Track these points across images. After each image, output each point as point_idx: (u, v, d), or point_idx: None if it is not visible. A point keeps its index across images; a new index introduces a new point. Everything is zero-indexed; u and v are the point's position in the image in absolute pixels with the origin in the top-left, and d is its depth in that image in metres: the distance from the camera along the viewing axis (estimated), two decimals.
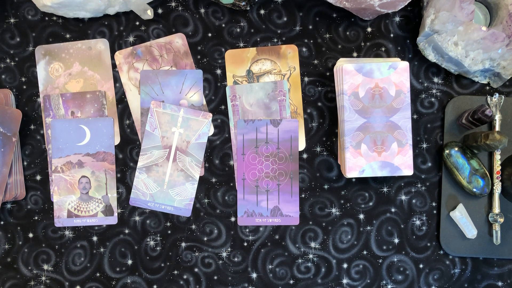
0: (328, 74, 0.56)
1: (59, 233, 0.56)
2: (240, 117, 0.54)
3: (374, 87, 0.50)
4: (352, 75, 0.50)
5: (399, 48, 0.56)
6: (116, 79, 0.56)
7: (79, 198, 0.55)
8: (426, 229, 0.55)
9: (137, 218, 0.56)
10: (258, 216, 0.55)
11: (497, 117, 0.53)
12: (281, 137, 0.54)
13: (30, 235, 0.56)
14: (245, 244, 0.56)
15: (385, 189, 0.55)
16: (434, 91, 0.56)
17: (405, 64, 0.50)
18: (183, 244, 0.56)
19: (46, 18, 0.56)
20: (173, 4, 0.56)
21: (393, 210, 0.55)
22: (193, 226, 0.56)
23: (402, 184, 0.55)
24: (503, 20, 0.52)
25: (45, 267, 0.56)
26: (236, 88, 0.54)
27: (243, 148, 0.54)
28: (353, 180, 0.56)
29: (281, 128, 0.54)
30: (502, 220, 0.53)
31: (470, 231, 0.54)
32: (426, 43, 0.53)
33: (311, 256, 0.56)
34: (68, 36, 0.56)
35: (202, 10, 0.56)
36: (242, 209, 0.55)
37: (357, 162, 0.50)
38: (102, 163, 0.55)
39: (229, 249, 0.56)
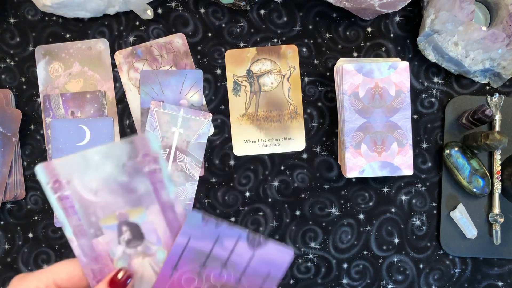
0: (328, 74, 0.56)
1: (59, 233, 0.56)
2: (82, 220, 0.33)
3: (374, 87, 0.50)
4: (352, 75, 0.50)
5: (399, 48, 0.56)
6: (116, 79, 0.56)
7: None
8: (426, 229, 0.55)
9: None
10: None
11: (497, 117, 0.53)
12: (253, 268, 0.33)
13: (30, 235, 0.56)
14: None
15: (385, 189, 0.55)
16: (434, 91, 0.56)
17: (405, 64, 0.50)
18: None
19: (46, 18, 0.56)
20: (173, 4, 0.56)
21: (393, 210, 0.55)
22: None
23: (402, 184, 0.55)
24: (503, 20, 0.52)
25: (45, 267, 0.56)
26: (56, 168, 0.32)
27: (179, 259, 0.33)
28: (353, 180, 0.56)
29: (260, 254, 0.33)
30: (502, 220, 0.53)
31: (470, 231, 0.54)
32: (426, 43, 0.53)
33: (311, 256, 0.56)
34: (68, 36, 0.56)
35: (202, 10, 0.56)
36: None
37: (357, 162, 0.50)
38: None
39: None
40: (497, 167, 0.53)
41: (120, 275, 0.33)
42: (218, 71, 0.56)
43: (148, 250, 0.33)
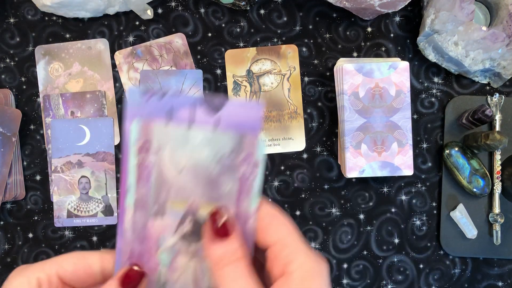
0: (328, 74, 0.56)
1: (59, 233, 0.56)
2: (151, 193, 0.29)
3: (374, 87, 0.50)
4: (352, 75, 0.50)
5: (399, 48, 0.56)
6: (116, 79, 0.56)
7: (79, 198, 0.55)
8: (426, 229, 0.55)
9: None
10: None
11: (497, 117, 0.53)
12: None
13: (30, 235, 0.56)
14: None
15: (385, 189, 0.55)
16: (434, 91, 0.56)
17: (405, 64, 0.50)
18: None
19: (46, 18, 0.56)
20: (173, 4, 0.56)
21: (393, 210, 0.55)
22: None
23: (402, 184, 0.55)
24: (503, 20, 0.52)
25: None
26: (155, 131, 0.29)
27: (137, 172, 0.29)
28: (353, 180, 0.56)
29: (225, 117, 0.29)
30: (502, 220, 0.53)
31: (470, 231, 0.53)
32: (426, 43, 0.53)
33: None
34: (68, 36, 0.56)
35: (202, 10, 0.56)
36: None
37: (357, 162, 0.50)
38: (102, 163, 0.55)
39: None
40: (497, 167, 0.53)
41: (131, 271, 0.30)
42: (218, 71, 0.56)
43: (200, 253, 0.30)
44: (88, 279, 0.30)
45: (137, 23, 0.56)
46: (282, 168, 0.56)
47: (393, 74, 0.50)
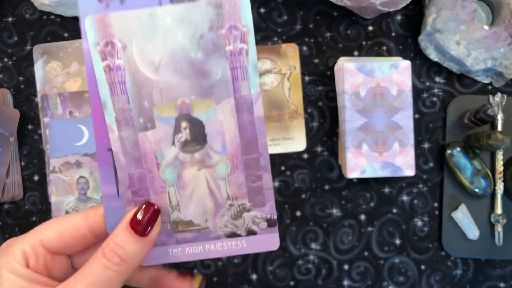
0: (329, 73, 0.55)
1: None
2: (131, 103, 0.24)
3: (375, 86, 0.50)
4: (353, 74, 0.50)
5: (400, 47, 0.55)
6: None
7: (77, 198, 0.55)
8: (427, 230, 0.55)
9: None
10: None
11: (500, 117, 0.53)
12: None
13: None
14: None
15: (386, 190, 0.55)
16: (436, 90, 0.55)
17: (407, 63, 0.49)
18: None
19: (44, 17, 0.56)
20: None
21: (394, 211, 0.55)
22: None
23: (404, 184, 0.55)
24: (505, 19, 0.51)
25: None
26: (113, 24, 0.23)
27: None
28: (354, 180, 0.55)
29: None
30: (504, 221, 0.53)
31: (472, 232, 0.53)
32: (427, 42, 0.52)
33: (311, 257, 0.55)
34: (66, 35, 0.56)
35: None
36: None
37: (358, 162, 0.50)
38: None
39: None
40: (500, 167, 0.53)
41: (140, 215, 0.26)
42: None
43: (208, 160, 0.26)
44: (78, 242, 0.28)
45: None
46: (283, 168, 0.56)
47: (395, 74, 0.49)
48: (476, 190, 0.52)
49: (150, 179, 0.26)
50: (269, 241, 0.27)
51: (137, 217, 0.26)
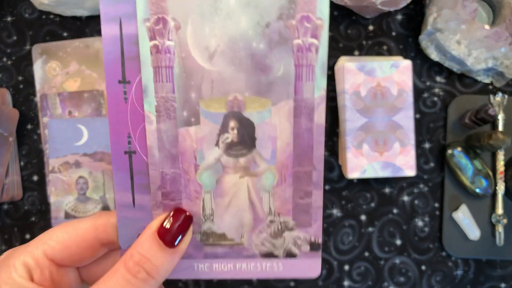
0: (329, 73, 0.55)
1: None
2: (176, 93, 0.21)
3: (376, 86, 0.49)
4: (354, 74, 0.49)
5: (401, 46, 0.55)
6: None
7: (77, 199, 0.55)
8: (428, 231, 0.55)
9: None
10: None
11: (500, 117, 0.53)
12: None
13: (27, 236, 0.55)
14: None
15: (387, 190, 0.55)
16: (436, 90, 0.55)
17: (408, 63, 0.49)
18: None
19: (43, 17, 0.56)
20: None
21: (395, 211, 0.55)
22: None
23: (404, 184, 0.55)
24: (506, 19, 0.51)
25: None
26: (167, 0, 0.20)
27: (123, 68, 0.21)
28: (355, 180, 0.55)
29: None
30: (505, 221, 0.52)
31: (473, 232, 0.53)
32: (428, 41, 0.52)
33: None
34: (65, 34, 0.56)
35: None
36: None
37: (359, 163, 0.50)
38: (99, 164, 0.55)
39: None
40: (501, 167, 0.53)
41: (168, 222, 0.22)
42: None
43: (254, 167, 0.23)
44: (86, 253, 0.25)
45: None
46: None
47: (395, 73, 0.49)
48: (477, 190, 0.52)
49: (185, 181, 0.23)
50: (309, 267, 0.24)
51: (165, 225, 0.23)
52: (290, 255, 0.24)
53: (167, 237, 0.23)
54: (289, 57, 0.21)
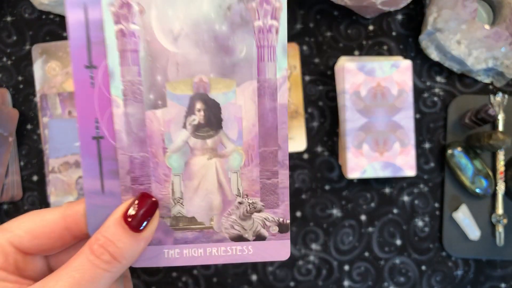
0: (329, 73, 0.55)
1: None
2: (142, 76, 0.22)
3: (376, 86, 0.49)
4: (354, 74, 0.49)
5: (401, 46, 0.55)
6: None
7: (77, 199, 0.55)
8: (428, 231, 0.55)
9: None
10: None
11: (501, 117, 0.53)
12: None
13: None
14: None
15: (387, 190, 0.55)
16: (436, 90, 0.55)
17: (408, 63, 0.49)
18: None
19: (43, 17, 0.56)
20: None
21: (395, 211, 0.55)
22: None
23: (405, 184, 0.55)
24: (507, 19, 0.51)
25: None
26: None
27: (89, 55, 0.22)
28: (355, 180, 0.55)
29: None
30: (505, 221, 0.52)
31: (473, 232, 0.53)
32: (428, 41, 0.52)
33: (312, 258, 0.55)
34: (65, 34, 0.56)
35: None
36: None
37: (359, 163, 0.50)
38: None
39: None
40: (501, 167, 0.53)
41: (134, 207, 0.23)
42: None
43: (221, 148, 0.23)
44: (54, 243, 0.25)
45: None
46: None
47: (395, 73, 0.49)
48: (477, 190, 0.52)
49: (153, 164, 0.23)
50: (279, 250, 0.24)
51: (131, 210, 0.23)
52: (259, 237, 0.24)
53: (133, 222, 0.23)
54: (251, 38, 0.22)
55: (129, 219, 0.23)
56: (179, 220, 0.24)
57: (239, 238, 0.24)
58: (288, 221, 0.24)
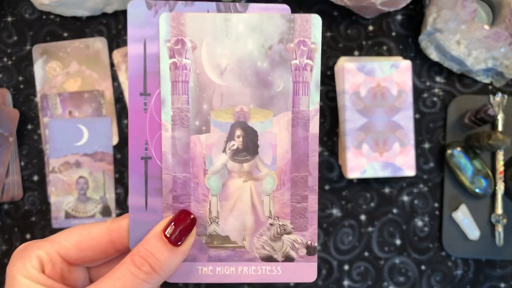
0: (329, 73, 0.55)
1: None
2: (190, 104, 0.25)
3: (375, 86, 0.49)
4: (354, 74, 0.49)
5: (401, 46, 0.55)
6: (114, 78, 0.56)
7: (77, 199, 0.55)
8: (428, 230, 0.55)
9: None
10: None
11: (500, 117, 0.53)
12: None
13: (28, 236, 0.55)
14: None
15: (386, 190, 0.55)
16: (436, 90, 0.55)
17: (407, 63, 0.49)
18: None
19: (44, 17, 0.56)
20: None
21: (395, 211, 0.55)
22: None
23: (404, 184, 0.55)
24: (506, 19, 0.51)
25: None
26: (187, 22, 0.24)
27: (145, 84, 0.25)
28: (354, 180, 0.55)
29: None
30: (505, 221, 0.53)
31: (473, 232, 0.53)
32: (428, 41, 0.52)
33: None
34: (65, 34, 0.56)
35: None
36: None
37: (359, 163, 0.50)
38: (100, 164, 0.55)
39: None
40: (500, 167, 0.53)
41: (175, 223, 0.24)
42: None
43: (256, 172, 0.25)
44: (98, 256, 0.27)
45: None
46: None
47: (395, 73, 0.49)
48: (477, 190, 0.52)
49: (194, 185, 0.25)
50: (306, 271, 0.25)
51: (171, 225, 0.25)
52: (288, 258, 0.26)
53: (172, 237, 0.24)
54: (288, 75, 0.25)
55: (169, 234, 0.24)
56: (214, 238, 0.25)
57: (269, 259, 0.25)
58: (316, 244, 0.25)
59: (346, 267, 0.55)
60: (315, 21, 0.24)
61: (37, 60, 0.56)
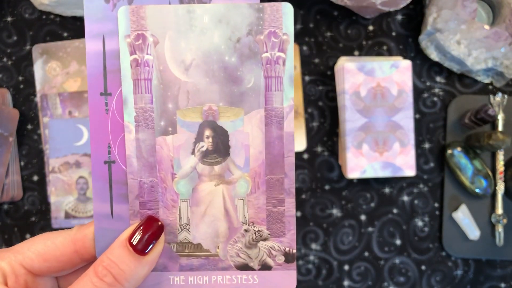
0: (329, 73, 0.55)
1: None
2: (154, 103, 0.23)
3: (375, 86, 0.49)
4: (354, 74, 0.49)
5: (401, 46, 0.55)
6: None
7: (77, 199, 0.55)
8: (428, 230, 0.55)
9: None
10: None
11: (500, 117, 0.53)
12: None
13: (28, 236, 0.55)
14: None
15: (386, 190, 0.55)
16: (436, 90, 0.55)
17: (407, 63, 0.49)
18: None
19: (44, 17, 0.56)
20: None
21: (395, 211, 0.55)
22: None
23: (404, 184, 0.55)
24: (506, 19, 0.51)
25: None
26: (148, 16, 0.22)
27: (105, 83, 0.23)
28: (355, 180, 0.55)
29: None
30: (505, 221, 0.53)
31: (473, 232, 0.53)
32: (428, 41, 0.52)
33: (312, 257, 0.55)
34: (65, 34, 0.56)
35: None
36: None
37: (359, 163, 0.50)
38: None
39: None
40: (500, 167, 0.53)
41: (140, 230, 0.23)
42: None
43: (228, 175, 0.23)
44: (64, 266, 0.25)
45: None
46: None
47: (395, 73, 0.49)
48: (477, 190, 0.52)
49: (162, 190, 0.23)
50: (285, 280, 0.24)
51: (136, 233, 0.23)
52: (265, 267, 0.24)
53: (138, 245, 0.23)
54: (259, 69, 0.23)
55: (134, 242, 0.23)
56: (185, 246, 0.24)
57: (245, 267, 0.24)
58: (295, 251, 0.24)
59: (346, 267, 0.55)
60: (286, 9, 0.22)
61: (37, 60, 0.56)
